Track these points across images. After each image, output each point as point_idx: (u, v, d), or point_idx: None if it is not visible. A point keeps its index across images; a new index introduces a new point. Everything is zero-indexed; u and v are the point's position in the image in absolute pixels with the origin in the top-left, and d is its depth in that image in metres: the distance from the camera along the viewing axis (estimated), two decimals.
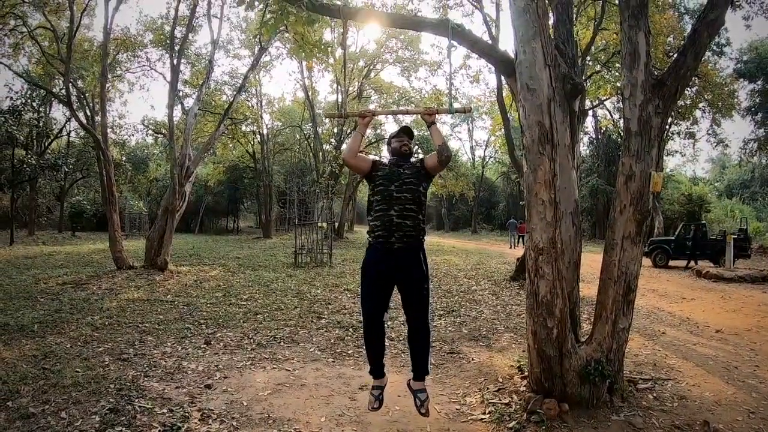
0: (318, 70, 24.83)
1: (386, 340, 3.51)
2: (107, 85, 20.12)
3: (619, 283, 3.57)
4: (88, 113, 16.16)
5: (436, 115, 3.41)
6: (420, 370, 3.36)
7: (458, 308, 7.83)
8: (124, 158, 27.92)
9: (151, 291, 9.10)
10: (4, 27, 13.90)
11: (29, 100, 21.05)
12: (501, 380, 4.42)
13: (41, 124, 24.07)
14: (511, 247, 23.36)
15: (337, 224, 25.93)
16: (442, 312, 7.49)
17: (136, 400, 3.91)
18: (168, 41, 12.01)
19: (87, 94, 17.59)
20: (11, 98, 20.35)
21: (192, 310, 7.52)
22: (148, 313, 7.26)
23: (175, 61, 11.61)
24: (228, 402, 3.90)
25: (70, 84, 12.64)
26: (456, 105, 4.08)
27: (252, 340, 5.86)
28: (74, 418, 3.54)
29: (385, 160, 3.48)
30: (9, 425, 3.47)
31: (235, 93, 14.19)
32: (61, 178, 26.24)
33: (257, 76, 25.03)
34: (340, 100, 24.76)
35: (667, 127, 21.74)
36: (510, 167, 34.13)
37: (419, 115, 3.56)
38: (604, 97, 16.74)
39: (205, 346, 5.60)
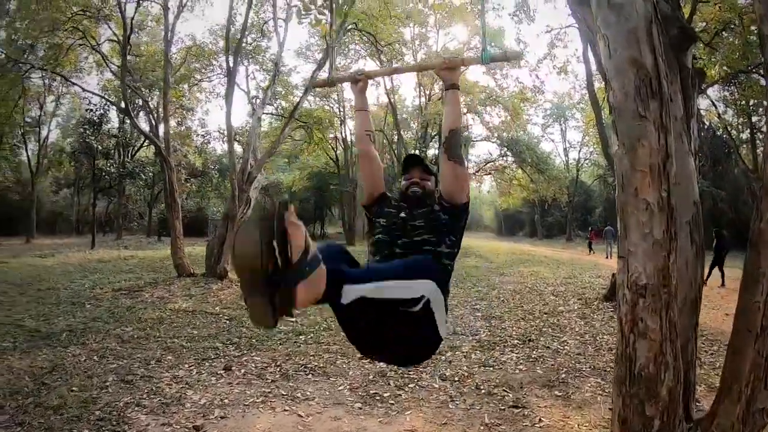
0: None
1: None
2: (186, 94, 21.16)
3: (764, 339, 2.39)
4: (153, 121, 16.81)
5: (461, 70, 2.29)
6: None
7: (537, 337, 6.63)
8: (210, 166, 29.09)
9: (201, 301, 8.85)
10: (73, 40, 14.61)
11: (107, 112, 22.60)
12: None
13: (120, 134, 25.65)
14: (607, 257, 21.40)
15: None
16: (516, 342, 6.35)
17: None
18: (233, 45, 11.96)
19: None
20: (90, 110, 22.03)
21: (233, 326, 7.10)
22: (185, 327, 6.93)
23: (231, 65, 11.66)
24: None
25: (139, 94, 13.08)
26: (493, 50, 2.32)
27: (278, 369, 5.16)
28: None
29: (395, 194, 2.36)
30: None
31: (301, 95, 13.95)
32: (145, 185, 27.70)
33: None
34: (423, 102, 24.34)
35: None
36: (607, 168, 31.75)
37: (438, 76, 2.32)
38: (711, 82, 14.50)
39: (222, 372, 4.99)
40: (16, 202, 28.33)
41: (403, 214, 2.10)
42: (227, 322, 7.32)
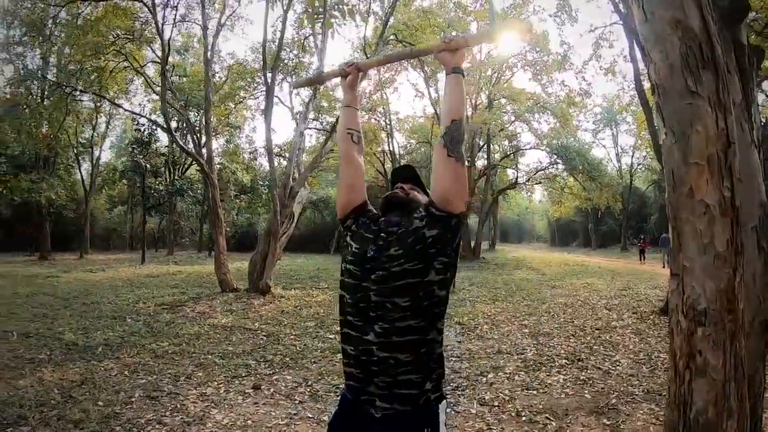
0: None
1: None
2: (232, 112, 21.79)
3: None
4: (196, 140, 17.48)
5: (464, 52, 1.95)
6: None
7: (587, 356, 6.17)
8: (260, 182, 29.79)
9: (241, 317, 8.84)
10: (116, 63, 15.32)
11: (155, 131, 23.61)
12: None
13: (169, 153, 26.82)
14: (663, 266, 20.36)
15: (473, 243, 24.94)
16: (564, 362, 5.93)
17: None
18: (271, 63, 12.24)
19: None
20: (138, 130, 23.12)
21: (269, 342, 7.01)
22: (221, 343, 6.89)
23: (269, 81, 11.86)
24: None
25: (182, 113, 13.49)
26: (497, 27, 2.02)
27: (309, 389, 4.99)
28: None
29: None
30: None
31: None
32: (195, 202, 28.63)
33: (384, 95, 25.28)
34: (469, 113, 24.43)
35: None
36: (661, 173, 30.29)
37: (438, 60, 2.00)
38: (766, 75, 13.48)
39: (251, 390, 4.86)
40: (71, 219, 29.95)
41: (380, 233, 1.80)
42: (264, 338, 7.24)
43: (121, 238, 35.38)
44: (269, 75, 11.91)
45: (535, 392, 4.77)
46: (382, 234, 1.79)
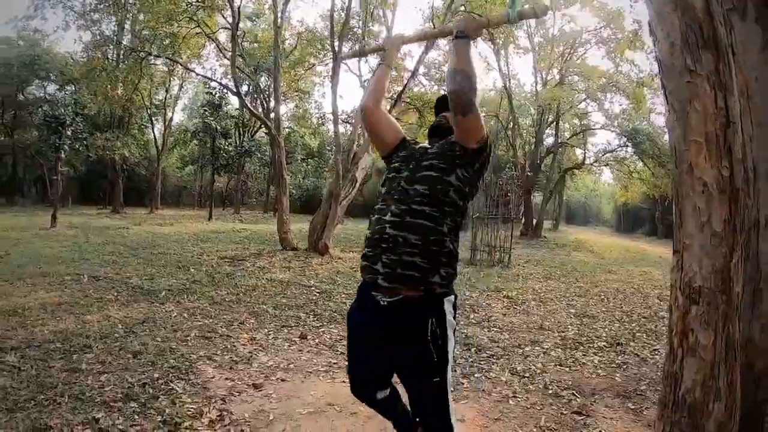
0: (517, 54, 24.22)
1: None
2: (301, 78, 22.16)
3: None
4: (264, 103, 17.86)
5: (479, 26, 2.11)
6: None
7: (627, 341, 5.98)
8: (327, 147, 30.42)
9: (298, 273, 9.18)
10: (188, 29, 15.88)
11: (226, 94, 24.59)
12: None
13: (239, 115, 28.11)
14: None
15: (535, 221, 24.60)
16: (603, 344, 5.78)
17: (176, 381, 3.71)
18: (339, 31, 12.46)
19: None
20: (210, 93, 24.15)
21: (321, 298, 7.26)
22: (276, 296, 7.19)
23: (336, 49, 12.10)
24: (256, 410, 3.32)
25: (251, 78, 13.76)
26: (521, 7, 2.14)
27: None
28: (107, 383, 3.56)
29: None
30: (57, 374, 3.66)
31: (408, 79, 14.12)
32: (262, 163, 29.62)
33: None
34: (539, 88, 23.77)
35: None
36: None
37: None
38: None
39: (298, 339, 5.14)
40: (143, 176, 32.03)
41: (422, 148, 2.13)
42: (317, 294, 7.50)
43: (191, 195, 37.28)
44: (336, 43, 12.08)
45: (567, 369, 4.73)
46: (422, 147, 2.13)
